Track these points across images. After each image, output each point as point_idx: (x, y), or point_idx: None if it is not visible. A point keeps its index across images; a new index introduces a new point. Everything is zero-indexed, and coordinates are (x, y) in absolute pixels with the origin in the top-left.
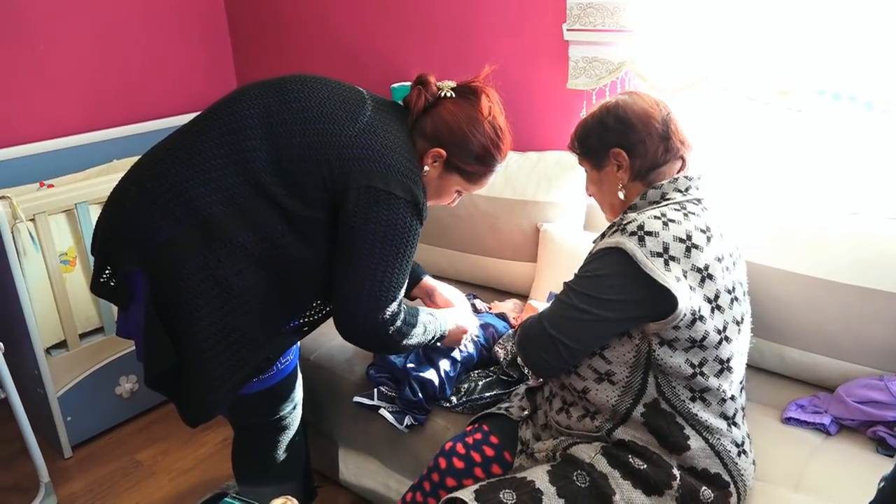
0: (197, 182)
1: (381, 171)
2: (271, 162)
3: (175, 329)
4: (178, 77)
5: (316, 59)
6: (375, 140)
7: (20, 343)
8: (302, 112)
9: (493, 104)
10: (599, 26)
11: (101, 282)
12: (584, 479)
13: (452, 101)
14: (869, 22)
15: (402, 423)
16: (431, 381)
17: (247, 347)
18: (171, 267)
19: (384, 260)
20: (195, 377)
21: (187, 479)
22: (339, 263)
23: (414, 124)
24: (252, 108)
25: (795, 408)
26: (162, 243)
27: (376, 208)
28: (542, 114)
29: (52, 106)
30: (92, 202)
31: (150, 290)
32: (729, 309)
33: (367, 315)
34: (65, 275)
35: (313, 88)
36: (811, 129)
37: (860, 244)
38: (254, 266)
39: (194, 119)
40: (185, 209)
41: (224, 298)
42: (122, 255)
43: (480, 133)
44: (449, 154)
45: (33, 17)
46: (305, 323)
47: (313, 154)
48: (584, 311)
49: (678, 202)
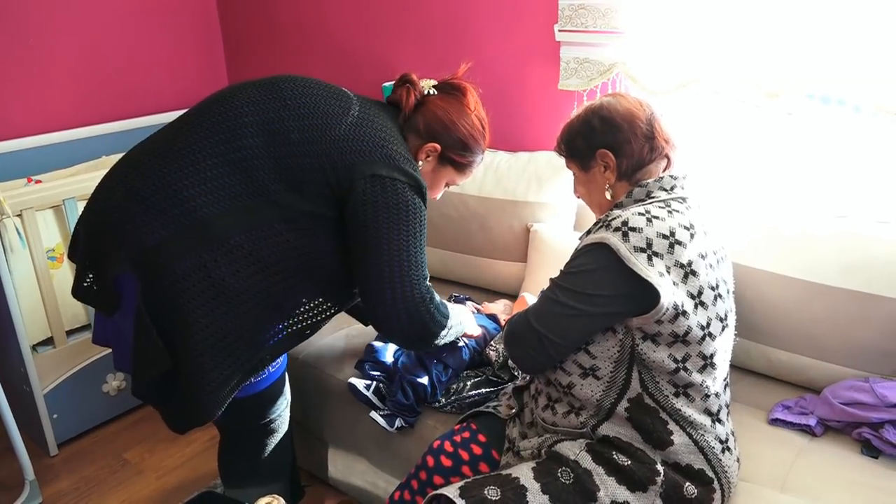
0: (191, 182)
1: (383, 159)
2: (269, 159)
3: (168, 333)
4: (169, 73)
5: (308, 56)
6: (373, 132)
7: (6, 340)
8: (297, 109)
9: (476, 99)
10: (591, 27)
11: (84, 286)
12: (569, 476)
13: (439, 97)
14: (859, 26)
15: (393, 426)
16: (424, 386)
17: (244, 349)
18: (165, 268)
19: (403, 240)
20: (191, 381)
21: (174, 477)
22: (359, 257)
23: (405, 122)
24: (246, 107)
25: (782, 409)
26: (155, 244)
27: (384, 195)
28: (533, 114)
29: (41, 101)
30: (80, 198)
31: (142, 293)
32: (712, 305)
33: (405, 296)
34: (52, 271)
35: (305, 86)
36: (800, 132)
37: (848, 247)
38: (251, 266)
39: (181, 118)
40: (180, 209)
41: (221, 299)
42: (110, 258)
43: (470, 125)
44: (443, 147)
45: (23, 11)
46: (307, 325)
47: (313, 149)
48: (569, 306)
49: (663, 200)
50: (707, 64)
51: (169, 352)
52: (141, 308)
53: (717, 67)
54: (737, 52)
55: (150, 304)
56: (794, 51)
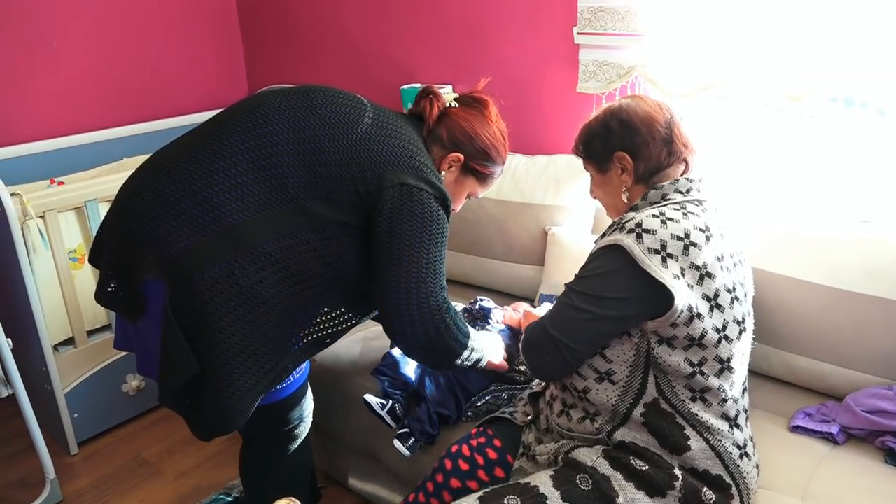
0: (221, 188)
1: (411, 170)
2: (300, 167)
3: (193, 340)
4: (190, 76)
5: (327, 58)
6: (402, 144)
7: (28, 339)
8: (329, 119)
9: (497, 111)
10: (610, 30)
11: (108, 291)
12: (588, 483)
13: (461, 109)
14: (881, 28)
15: (413, 451)
16: (450, 417)
17: (268, 356)
18: (192, 274)
19: (425, 249)
20: (216, 388)
21: (192, 477)
22: (381, 264)
23: (429, 133)
24: (277, 115)
25: (803, 416)
26: (183, 250)
27: (410, 204)
28: (552, 117)
29: (63, 103)
30: (102, 200)
31: (170, 298)
32: (729, 308)
33: (421, 308)
34: (73, 272)
35: (336, 98)
36: (823, 136)
37: (872, 252)
38: (278, 274)
39: (210, 123)
40: (210, 216)
41: (248, 307)
42: (139, 264)
43: (492, 135)
44: (467, 157)
45: (46, 15)
46: (328, 334)
47: (343, 158)
48: (584, 310)
49: (678, 202)
50: (727, 66)
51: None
52: (169, 314)
53: (738, 70)
54: (758, 55)
55: (177, 310)
56: (817, 53)
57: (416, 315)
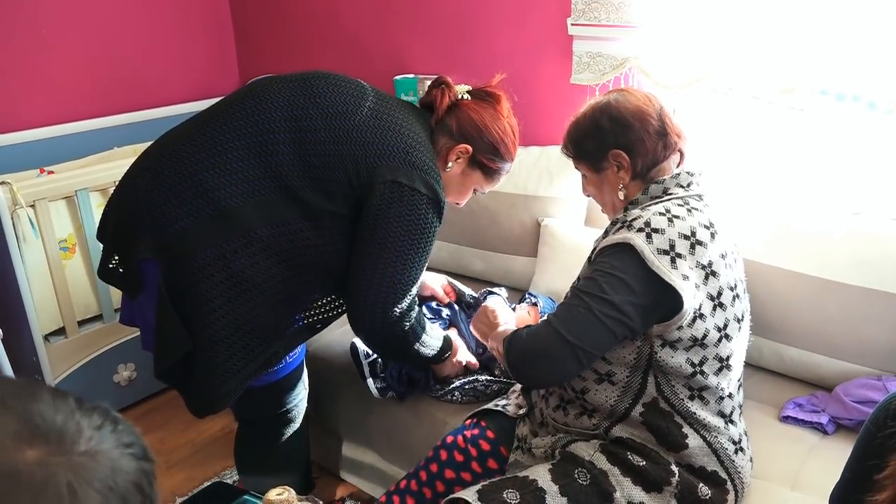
0: (216, 172)
1: (406, 167)
2: (295, 156)
3: (187, 318)
4: (181, 65)
5: (319, 47)
6: (400, 138)
7: (19, 329)
8: (327, 108)
9: (509, 107)
10: (604, 21)
11: (109, 268)
12: (586, 477)
13: (473, 102)
14: (873, 22)
15: (385, 396)
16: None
17: (258, 340)
18: (185, 256)
19: (404, 253)
20: (206, 368)
21: (185, 467)
22: (358, 255)
23: (437, 123)
24: (276, 102)
25: (793, 406)
26: (178, 232)
27: (399, 203)
28: (545, 108)
29: (54, 92)
30: (92, 189)
31: (164, 278)
32: (731, 306)
33: (385, 308)
34: (64, 262)
35: (338, 86)
36: (814, 129)
37: (862, 244)
38: (269, 259)
39: (211, 109)
40: (204, 199)
41: (238, 290)
42: (135, 243)
43: (502, 130)
44: (475, 150)
45: (35, 3)
46: (318, 320)
47: (339, 150)
48: (609, 316)
49: (680, 197)
50: (721, 59)
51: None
52: (163, 292)
53: (731, 62)
54: (751, 47)
55: (170, 289)
56: (809, 46)
57: (379, 315)
